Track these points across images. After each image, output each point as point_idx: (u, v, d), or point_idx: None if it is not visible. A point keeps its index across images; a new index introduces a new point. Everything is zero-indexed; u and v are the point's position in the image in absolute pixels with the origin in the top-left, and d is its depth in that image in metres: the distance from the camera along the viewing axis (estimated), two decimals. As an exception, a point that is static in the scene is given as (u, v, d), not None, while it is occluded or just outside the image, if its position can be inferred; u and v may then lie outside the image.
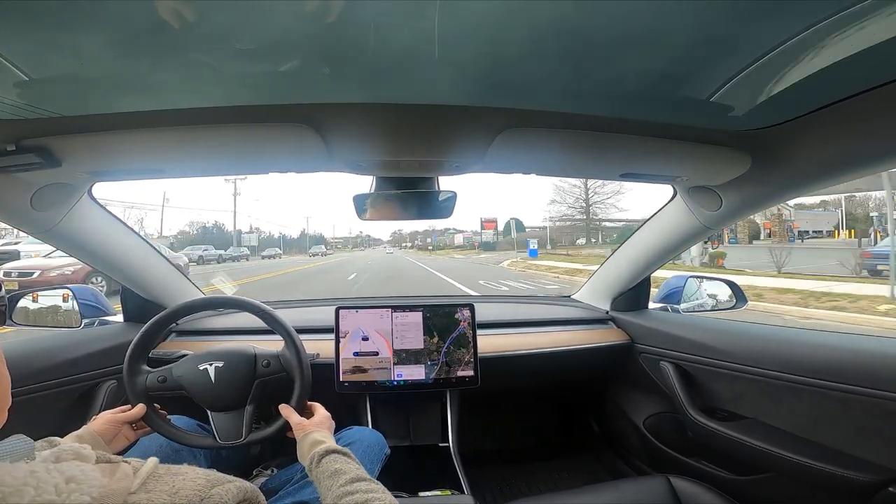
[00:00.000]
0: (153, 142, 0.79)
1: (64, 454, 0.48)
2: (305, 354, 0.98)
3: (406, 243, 78.11)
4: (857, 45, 0.52)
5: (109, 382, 1.22)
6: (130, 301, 1.40)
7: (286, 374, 0.98)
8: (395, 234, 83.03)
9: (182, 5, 0.46)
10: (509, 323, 1.61)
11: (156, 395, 0.95)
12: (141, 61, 0.57)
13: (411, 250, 64.21)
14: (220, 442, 0.94)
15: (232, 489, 0.52)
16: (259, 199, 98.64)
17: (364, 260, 28.21)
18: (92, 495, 0.42)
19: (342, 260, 29.78)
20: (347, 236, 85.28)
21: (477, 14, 0.49)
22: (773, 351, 1.10)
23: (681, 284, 1.62)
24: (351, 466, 0.71)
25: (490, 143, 0.82)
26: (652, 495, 1.00)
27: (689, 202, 1.16)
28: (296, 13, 0.49)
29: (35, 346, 1.14)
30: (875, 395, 0.88)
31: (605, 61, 0.59)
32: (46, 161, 0.77)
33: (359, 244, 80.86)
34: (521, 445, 2.03)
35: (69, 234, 1.09)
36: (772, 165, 0.87)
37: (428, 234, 74.42)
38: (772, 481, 1.08)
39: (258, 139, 0.80)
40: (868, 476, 0.88)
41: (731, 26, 0.51)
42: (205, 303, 1.12)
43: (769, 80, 0.62)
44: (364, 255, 39.46)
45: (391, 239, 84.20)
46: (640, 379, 1.53)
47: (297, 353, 0.97)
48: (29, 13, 0.46)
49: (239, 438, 0.93)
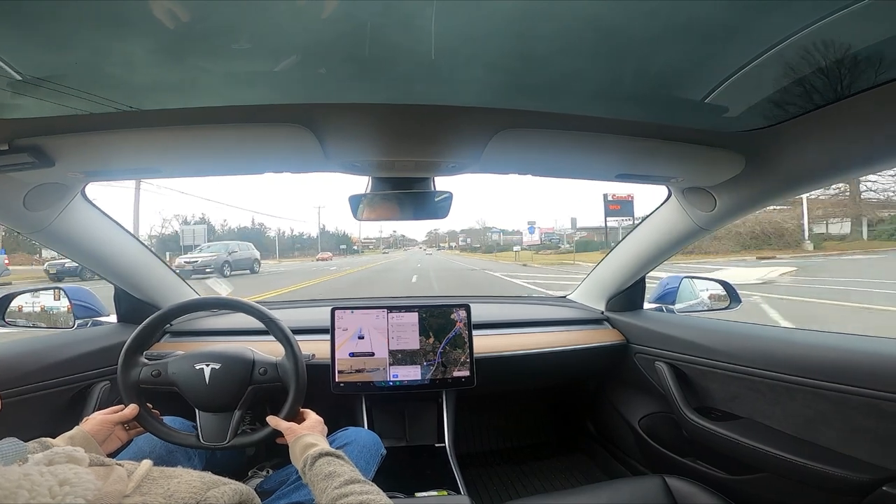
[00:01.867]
0: (147, 142, 0.78)
1: (57, 457, 0.47)
2: (303, 362, 0.97)
3: (444, 244, 78.18)
4: (850, 47, 0.52)
5: (103, 383, 1.21)
6: (124, 302, 1.39)
7: (281, 385, 0.97)
8: (431, 233, 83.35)
9: (177, 5, 0.46)
10: (505, 323, 1.61)
11: (147, 389, 0.95)
12: (136, 61, 0.57)
13: (455, 251, 61.20)
14: (202, 442, 0.93)
15: (227, 491, 0.52)
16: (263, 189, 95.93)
17: (401, 267, 20.87)
18: (87, 498, 0.42)
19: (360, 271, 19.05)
20: (379, 237, 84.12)
21: (472, 16, 0.49)
22: (768, 351, 1.11)
23: (676, 285, 1.63)
24: (345, 468, 0.71)
25: (486, 144, 0.82)
26: (647, 495, 1.00)
27: (684, 203, 1.17)
28: (291, 13, 0.49)
29: (28, 346, 1.13)
30: (869, 394, 0.89)
31: (600, 62, 0.59)
32: (40, 160, 0.77)
33: (392, 245, 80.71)
34: (517, 445, 2.03)
35: (62, 234, 1.08)
36: (765, 166, 0.88)
37: (468, 234, 75.77)
38: (766, 481, 1.09)
39: (253, 139, 0.80)
40: (862, 475, 0.89)
41: (725, 27, 0.51)
42: (201, 303, 1.11)
43: (763, 81, 0.62)
44: (398, 259, 33.95)
45: (427, 239, 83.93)
46: (636, 379, 1.54)
47: (296, 361, 0.96)
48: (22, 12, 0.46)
49: (222, 441, 0.93)
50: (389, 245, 79.87)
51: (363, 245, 72.94)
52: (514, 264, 22.23)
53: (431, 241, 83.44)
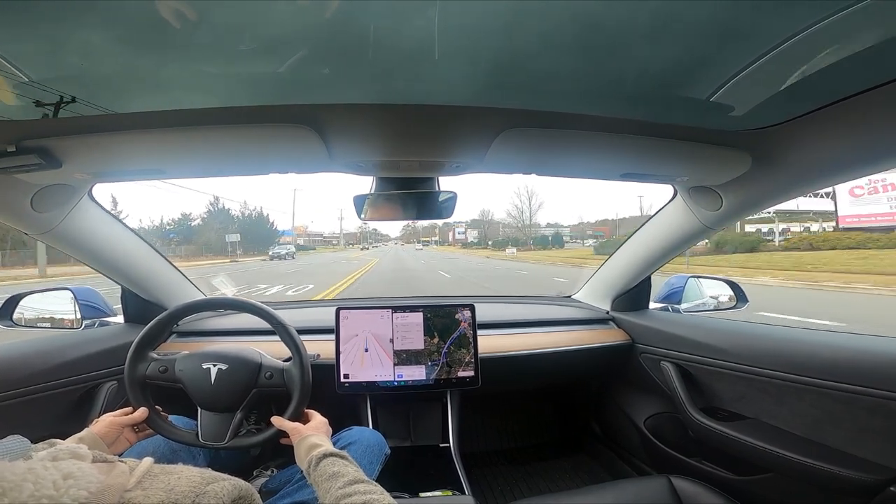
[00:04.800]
0: (154, 143, 0.79)
1: (61, 454, 0.48)
2: (309, 368, 0.97)
3: (427, 239, 67.08)
4: (858, 44, 0.52)
5: (110, 383, 1.22)
6: (131, 302, 1.40)
7: (285, 391, 0.97)
8: (408, 227, 69.17)
9: (183, 6, 0.46)
10: (510, 323, 1.61)
11: (152, 385, 0.95)
12: (142, 62, 0.57)
13: (455, 248, 49.63)
14: (201, 441, 0.94)
15: (227, 486, 0.52)
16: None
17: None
18: (90, 490, 0.43)
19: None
20: (339, 233, 70.49)
21: (477, 15, 0.49)
22: (775, 351, 1.10)
23: (681, 284, 1.62)
24: (349, 469, 0.72)
25: (490, 144, 0.82)
26: (653, 495, 1.00)
27: (690, 202, 1.16)
28: (296, 14, 0.49)
29: (35, 347, 1.14)
30: (877, 394, 0.88)
31: (607, 61, 0.59)
32: (47, 162, 0.77)
33: (360, 239, 67.82)
34: (522, 446, 2.03)
35: (69, 235, 1.09)
36: (772, 165, 0.87)
37: (476, 225, 61.53)
38: (773, 481, 1.08)
39: (259, 140, 0.80)
40: (869, 476, 0.88)
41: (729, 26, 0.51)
42: (208, 303, 1.12)
43: (769, 79, 0.62)
44: (361, 257, 27.05)
45: (403, 234, 71.81)
46: (641, 379, 1.53)
47: (301, 363, 0.96)
48: (30, 15, 0.46)
49: (221, 441, 0.93)
50: (357, 241, 67.13)
51: (311, 239, 60.30)
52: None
53: (408, 237, 71.65)
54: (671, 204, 1.26)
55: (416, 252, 37.96)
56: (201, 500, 0.49)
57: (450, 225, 69.61)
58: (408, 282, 12.18)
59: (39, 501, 0.39)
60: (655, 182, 1.12)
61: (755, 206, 1.07)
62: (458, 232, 65.55)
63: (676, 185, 1.15)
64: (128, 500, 0.46)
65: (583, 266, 15.96)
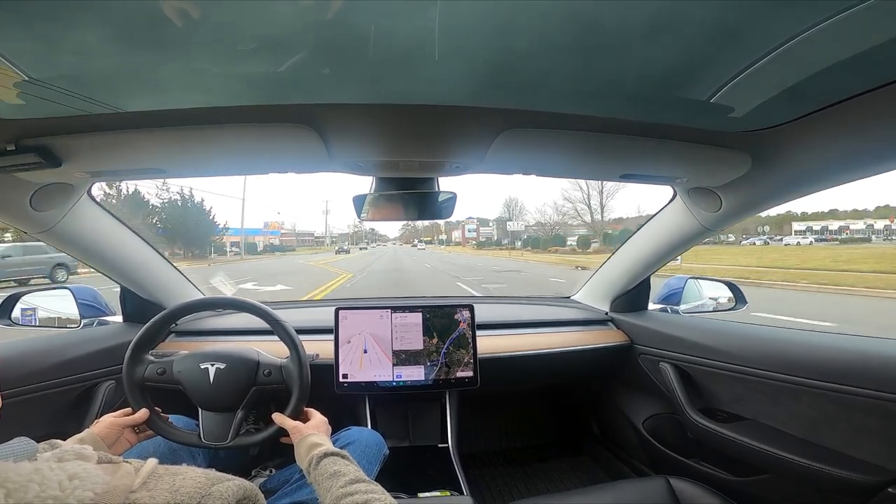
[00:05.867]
0: (153, 142, 0.79)
1: (66, 454, 0.48)
2: (307, 365, 0.97)
3: (427, 238, 64.66)
4: (858, 46, 0.52)
5: (108, 382, 1.22)
6: (129, 301, 1.40)
7: (284, 387, 0.97)
8: (408, 226, 65.02)
9: (183, 5, 0.46)
10: (509, 324, 1.61)
11: (151, 387, 0.95)
12: (142, 61, 0.57)
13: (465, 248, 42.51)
14: (203, 441, 0.94)
15: (232, 487, 0.52)
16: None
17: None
18: (95, 491, 0.43)
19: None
20: (332, 233, 66.62)
21: (478, 14, 0.49)
22: (773, 352, 1.10)
23: (681, 285, 1.63)
24: (349, 468, 0.72)
25: (490, 144, 0.82)
26: (651, 496, 1.00)
27: (689, 203, 1.16)
28: (296, 13, 0.49)
29: (34, 346, 1.14)
30: (874, 395, 0.88)
31: (607, 62, 0.59)
32: (46, 161, 0.77)
33: (355, 240, 65.02)
34: (521, 446, 2.03)
35: (68, 233, 1.09)
36: (772, 167, 0.87)
37: (454, 227, 56.14)
38: (771, 482, 1.08)
39: (258, 139, 0.80)
40: (867, 477, 0.88)
41: (729, 27, 0.51)
42: (207, 303, 1.11)
43: (769, 81, 0.62)
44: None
45: (402, 234, 69.16)
46: (640, 380, 1.53)
47: (300, 362, 0.96)
48: (29, 13, 0.46)
49: (223, 441, 0.93)
50: (354, 241, 63.35)
51: (299, 239, 54.49)
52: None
53: (408, 237, 68.52)
54: (670, 205, 1.27)
55: (419, 252, 35.84)
56: (206, 501, 0.49)
57: (453, 223, 64.30)
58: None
59: (45, 502, 0.39)
60: (655, 183, 1.12)
61: (755, 208, 1.07)
62: (468, 229, 57.61)
63: (676, 186, 1.15)
64: (133, 501, 0.46)
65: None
